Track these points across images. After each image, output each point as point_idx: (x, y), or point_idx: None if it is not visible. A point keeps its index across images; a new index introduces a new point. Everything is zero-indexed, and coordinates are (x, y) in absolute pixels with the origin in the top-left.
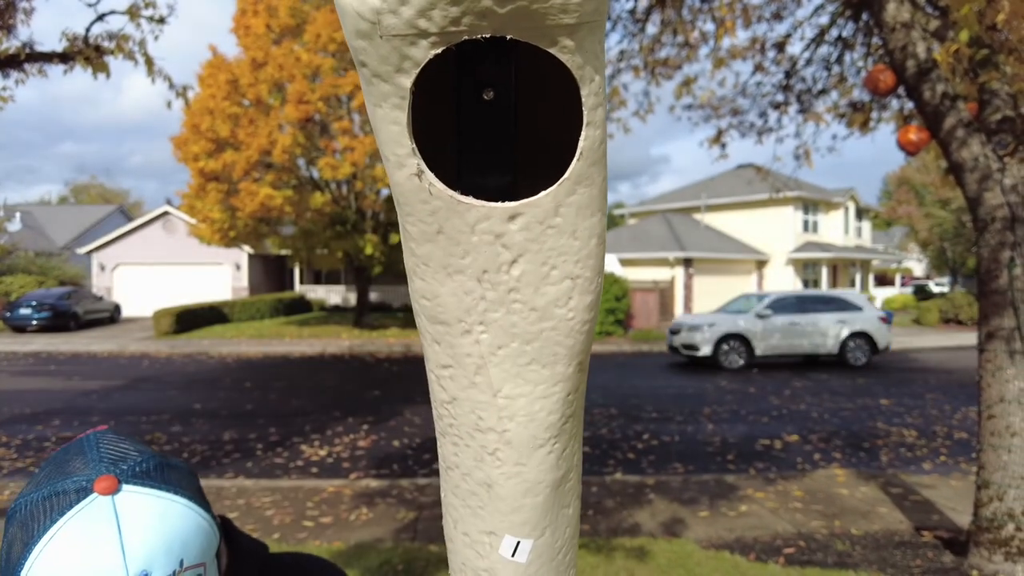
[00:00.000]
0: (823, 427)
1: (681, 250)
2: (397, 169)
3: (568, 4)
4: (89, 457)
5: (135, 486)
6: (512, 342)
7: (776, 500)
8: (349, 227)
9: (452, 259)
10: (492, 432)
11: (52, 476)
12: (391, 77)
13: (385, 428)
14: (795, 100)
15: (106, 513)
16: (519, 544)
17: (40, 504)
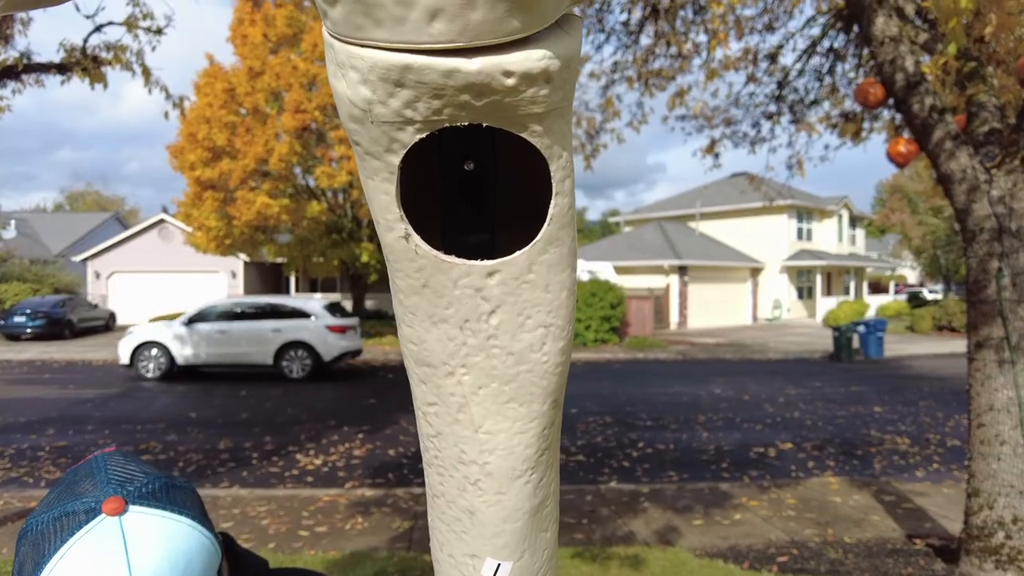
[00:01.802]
0: (817, 435)
1: (676, 258)
2: (387, 231)
3: (537, 97)
4: (98, 479)
5: (141, 507)
6: (492, 383)
7: (770, 508)
8: (345, 235)
9: (437, 309)
10: (474, 464)
11: (62, 497)
12: (381, 155)
13: (381, 436)
14: (787, 110)
15: (114, 533)
16: (499, 566)
17: (51, 524)
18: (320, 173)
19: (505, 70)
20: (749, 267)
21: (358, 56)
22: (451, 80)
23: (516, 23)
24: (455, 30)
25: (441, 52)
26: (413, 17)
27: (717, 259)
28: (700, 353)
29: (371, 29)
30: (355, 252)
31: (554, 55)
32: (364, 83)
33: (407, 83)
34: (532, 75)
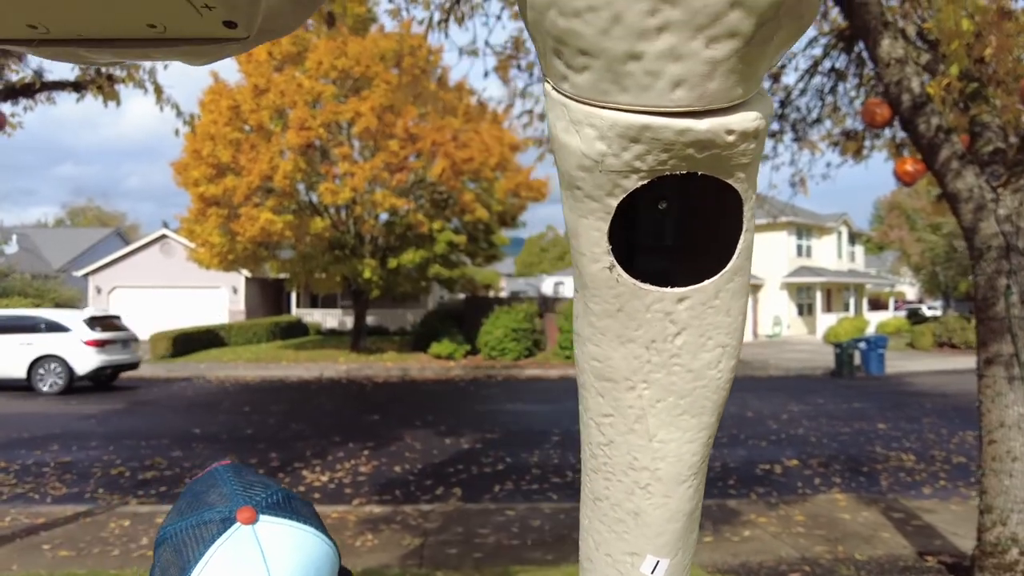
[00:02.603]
0: (822, 451)
1: None
2: (592, 263)
3: (747, 150)
4: (225, 489)
5: (271, 516)
6: (669, 397)
7: (779, 525)
8: (348, 251)
9: (627, 331)
10: (645, 470)
11: (194, 507)
12: (602, 199)
13: (386, 453)
14: (790, 129)
15: (250, 541)
16: (658, 563)
17: (189, 532)
18: (324, 190)
19: (728, 129)
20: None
21: (598, 116)
22: (682, 137)
23: (740, 91)
24: (693, 97)
25: (675, 114)
26: (659, 86)
27: None
28: None
29: (616, 94)
30: (357, 268)
31: (762, 116)
32: (601, 139)
33: (642, 139)
34: (747, 132)
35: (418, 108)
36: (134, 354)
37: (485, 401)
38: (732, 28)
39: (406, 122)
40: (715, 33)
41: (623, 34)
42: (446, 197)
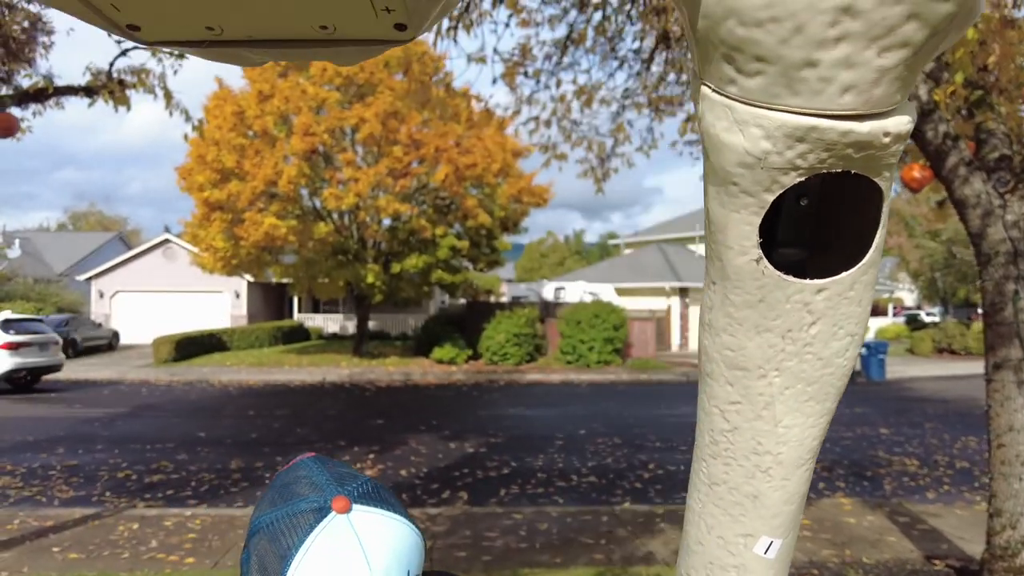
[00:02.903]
0: (824, 456)
1: (677, 280)
2: (739, 255)
3: (896, 151)
4: (316, 480)
5: (363, 506)
6: (798, 384)
7: None
8: (351, 256)
9: (765, 320)
10: (768, 455)
11: (285, 497)
12: (759, 194)
13: (391, 457)
14: None
15: (346, 529)
16: (772, 544)
17: (284, 522)
18: (328, 195)
19: (885, 131)
20: None
21: (765, 117)
22: (844, 138)
23: (899, 96)
24: (860, 101)
25: (840, 117)
26: (829, 91)
27: None
28: None
29: (787, 97)
30: (360, 273)
31: (911, 120)
32: (767, 138)
33: (808, 139)
34: (900, 135)
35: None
36: (54, 357)
37: (488, 406)
38: (905, 39)
39: (410, 128)
40: (888, 43)
41: (802, 43)
42: (449, 203)
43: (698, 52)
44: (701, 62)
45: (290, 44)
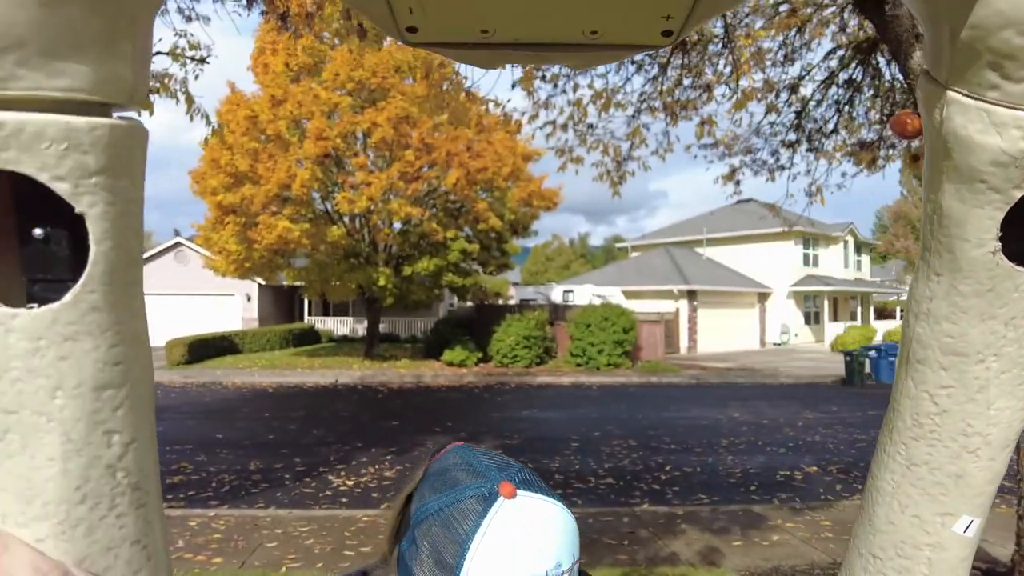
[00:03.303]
0: (841, 458)
1: (685, 283)
2: (976, 248)
3: None
4: (475, 467)
5: (525, 491)
6: (1014, 368)
7: (807, 530)
8: (362, 260)
9: (991, 308)
10: (977, 436)
11: (447, 484)
12: (1007, 191)
13: (409, 458)
14: (805, 140)
15: (516, 515)
16: (972, 523)
17: (453, 508)
18: (341, 199)
19: None
20: (757, 292)
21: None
22: None
23: None
24: None
25: None
26: None
27: (725, 284)
28: (713, 377)
29: None
30: (372, 276)
31: None
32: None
33: None
34: None
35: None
36: None
37: (501, 408)
38: None
39: (421, 132)
40: None
41: None
42: (459, 206)
43: (953, 61)
44: (954, 70)
45: (552, 48)
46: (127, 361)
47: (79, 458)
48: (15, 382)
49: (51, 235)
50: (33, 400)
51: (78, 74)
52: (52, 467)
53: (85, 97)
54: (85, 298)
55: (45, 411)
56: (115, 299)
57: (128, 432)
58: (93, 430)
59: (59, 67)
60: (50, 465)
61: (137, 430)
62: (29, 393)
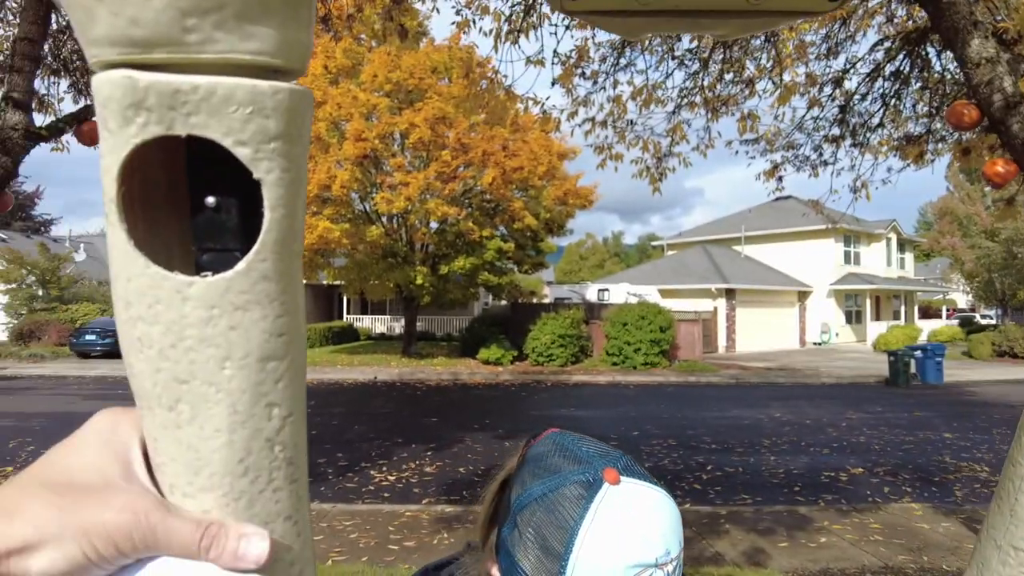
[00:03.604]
0: (887, 460)
1: (723, 281)
2: None
3: None
4: (576, 453)
5: (629, 477)
6: None
7: (855, 532)
8: (400, 259)
9: None
10: None
11: (547, 470)
12: None
13: (448, 455)
14: (850, 134)
15: (622, 500)
16: None
17: (558, 493)
18: (379, 199)
19: None
20: (796, 291)
21: None
22: None
23: None
24: None
25: None
26: None
27: (764, 283)
28: (752, 377)
29: None
30: (410, 275)
31: None
32: None
33: None
34: None
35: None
36: None
37: (537, 406)
38: None
39: (458, 132)
40: None
41: None
42: (495, 205)
43: None
44: None
45: (708, 15)
46: (289, 332)
47: (243, 430)
48: (188, 351)
49: (222, 203)
50: (204, 370)
51: (266, 38)
52: (219, 438)
53: (269, 61)
54: (257, 267)
55: (215, 381)
56: (283, 269)
57: (287, 405)
58: (256, 402)
59: (250, 30)
60: (217, 436)
61: (294, 403)
62: (200, 363)
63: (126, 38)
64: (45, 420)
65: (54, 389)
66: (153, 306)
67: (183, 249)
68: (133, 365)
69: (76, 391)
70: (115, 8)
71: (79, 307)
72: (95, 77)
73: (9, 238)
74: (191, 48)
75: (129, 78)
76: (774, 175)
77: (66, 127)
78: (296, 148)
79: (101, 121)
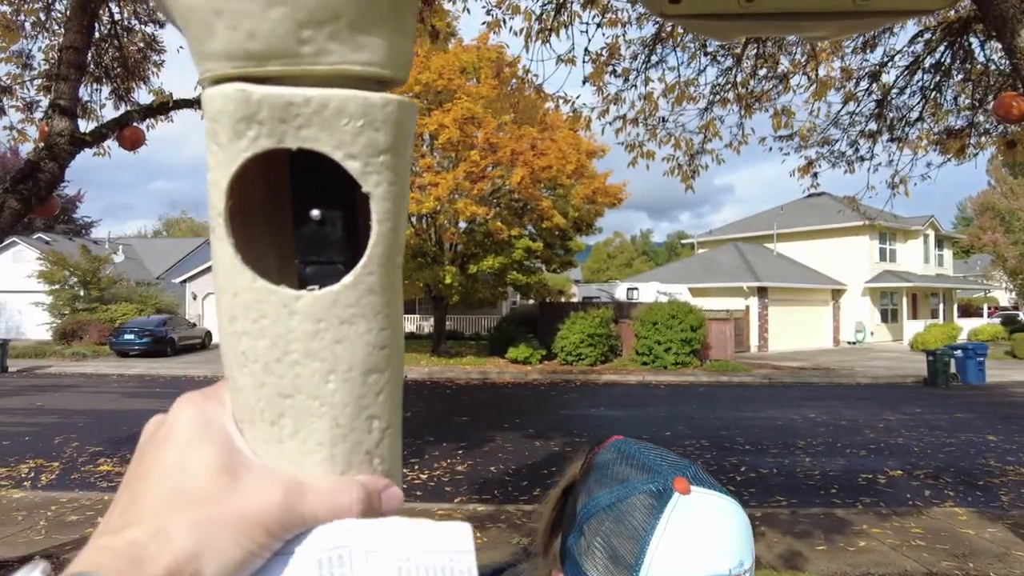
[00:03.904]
0: (928, 462)
1: (755, 279)
2: None
3: None
4: (645, 462)
5: (698, 487)
6: None
7: (896, 537)
8: (430, 259)
9: None
10: None
11: (618, 479)
12: None
13: (479, 454)
14: (887, 129)
15: (693, 510)
16: None
17: (627, 503)
18: (410, 199)
19: None
20: (830, 289)
21: None
22: None
23: None
24: None
25: None
26: None
27: (797, 281)
28: (785, 377)
29: None
30: (439, 275)
31: None
32: None
33: None
34: None
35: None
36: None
37: (567, 405)
38: None
39: (487, 132)
40: None
41: None
42: (524, 204)
43: None
44: None
45: (812, 17)
46: (391, 345)
47: (344, 444)
48: (293, 365)
49: (327, 216)
50: (308, 384)
51: (376, 48)
52: (320, 452)
53: (379, 72)
54: (364, 280)
55: (319, 395)
56: (387, 282)
57: (386, 417)
58: (358, 415)
59: (362, 41)
60: (319, 450)
61: (393, 415)
62: (305, 377)
63: (242, 51)
64: (88, 417)
65: (96, 387)
66: (259, 320)
67: (278, 263)
68: (236, 379)
69: (117, 388)
70: (233, 22)
71: (118, 307)
72: (206, 91)
73: (53, 240)
74: (305, 60)
75: (243, 91)
76: (808, 171)
77: (108, 132)
78: (402, 161)
79: (210, 135)
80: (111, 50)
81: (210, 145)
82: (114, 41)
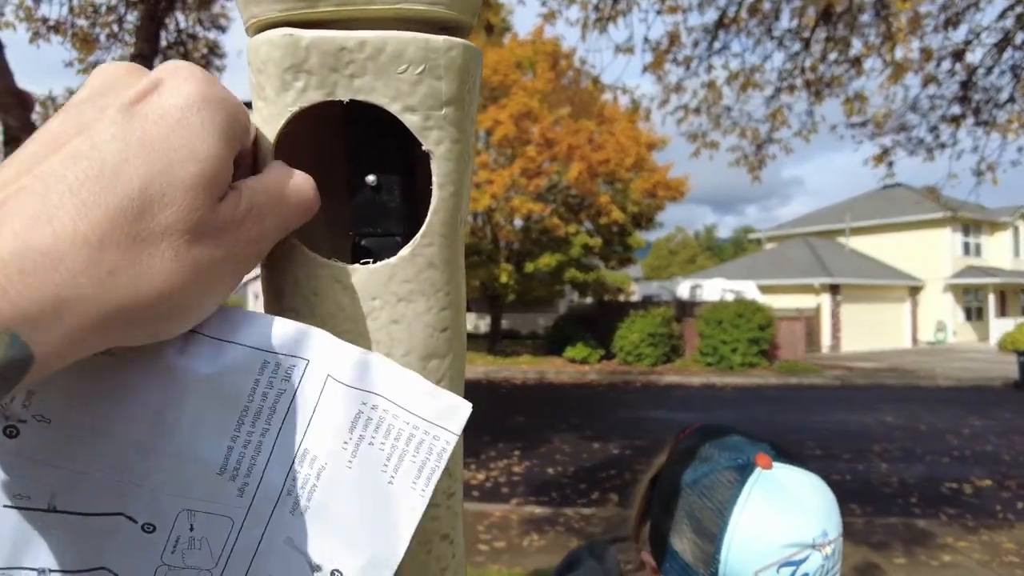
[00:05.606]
0: (1020, 472)
1: (827, 276)
2: None
3: None
4: (728, 442)
5: (781, 462)
6: None
7: (984, 552)
8: (485, 257)
9: None
10: None
11: (702, 458)
12: None
13: (536, 455)
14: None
15: (776, 483)
16: None
17: (710, 479)
18: None
19: None
20: (907, 286)
21: None
22: None
23: None
24: None
25: None
26: None
27: (871, 277)
28: (859, 379)
29: None
30: (494, 273)
31: None
32: None
33: None
34: None
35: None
36: None
37: (627, 407)
38: None
39: (543, 127)
40: None
41: None
42: (581, 200)
43: None
44: None
45: None
46: (453, 327)
47: None
48: None
49: (383, 182)
50: None
51: None
52: None
53: (444, 12)
54: (423, 252)
55: None
56: (448, 256)
57: None
58: None
59: None
60: None
61: None
62: None
63: None
64: None
65: None
66: (309, 297)
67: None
68: None
69: None
70: None
71: None
72: (251, 41)
73: None
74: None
75: (291, 35)
76: (883, 160)
77: None
78: (467, 116)
79: (256, 90)
80: (177, 56)
81: (256, 102)
82: (179, 48)
